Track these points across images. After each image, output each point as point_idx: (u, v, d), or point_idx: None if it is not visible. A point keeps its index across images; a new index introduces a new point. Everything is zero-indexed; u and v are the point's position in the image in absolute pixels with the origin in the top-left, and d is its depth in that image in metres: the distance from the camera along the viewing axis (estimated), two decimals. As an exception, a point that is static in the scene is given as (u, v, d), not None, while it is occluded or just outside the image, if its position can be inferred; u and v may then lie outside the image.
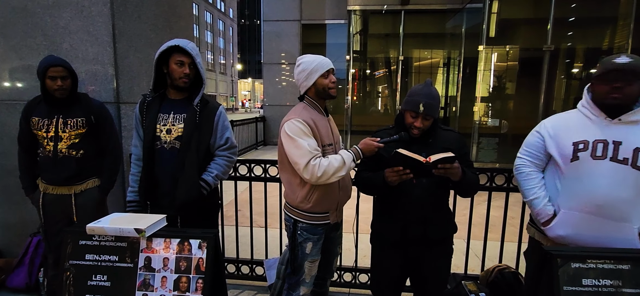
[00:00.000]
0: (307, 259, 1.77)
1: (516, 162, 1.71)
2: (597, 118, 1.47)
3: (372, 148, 1.62)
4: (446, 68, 10.19)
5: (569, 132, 1.51)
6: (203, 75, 1.80)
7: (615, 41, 7.22)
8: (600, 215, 1.43)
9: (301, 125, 1.60)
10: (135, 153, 1.88)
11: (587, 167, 1.44)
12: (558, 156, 1.52)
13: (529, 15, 7.84)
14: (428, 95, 1.55)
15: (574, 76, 8.23)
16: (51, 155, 1.98)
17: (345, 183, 1.81)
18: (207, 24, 47.87)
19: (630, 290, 1.32)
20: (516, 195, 2.29)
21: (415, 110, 1.54)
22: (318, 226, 1.75)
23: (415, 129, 1.58)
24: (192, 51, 1.74)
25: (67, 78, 1.96)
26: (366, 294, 2.60)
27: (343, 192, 1.81)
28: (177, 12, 2.99)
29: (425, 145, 1.62)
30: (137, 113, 1.86)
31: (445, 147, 1.61)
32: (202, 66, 1.80)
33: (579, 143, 1.46)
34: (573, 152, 1.47)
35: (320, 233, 1.77)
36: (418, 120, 1.56)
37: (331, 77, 1.69)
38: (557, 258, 1.34)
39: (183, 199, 1.72)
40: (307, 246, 1.75)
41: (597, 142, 1.44)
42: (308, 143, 1.57)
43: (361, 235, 2.55)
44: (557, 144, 1.53)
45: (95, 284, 1.46)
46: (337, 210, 1.81)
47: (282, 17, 10.20)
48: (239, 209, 2.68)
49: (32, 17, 2.41)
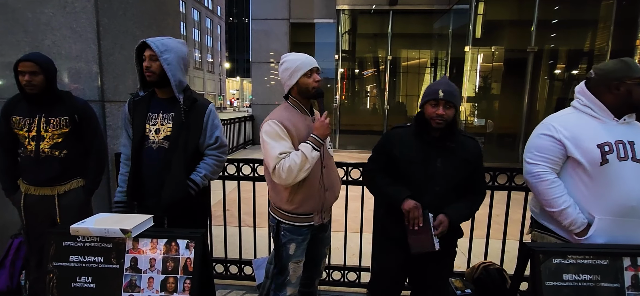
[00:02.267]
0: (292, 260, 1.76)
1: (531, 168, 1.59)
2: (605, 117, 1.48)
3: (326, 125, 1.61)
4: (433, 68, 10.33)
5: (588, 134, 1.47)
6: (167, 72, 1.70)
7: (597, 43, 7.44)
8: (633, 216, 1.42)
9: (276, 127, 1.59)
10: (124, 153, 1.86)
11: (615, 169, 1.41)
12: (584, 161, 1.45)
13: (513, 16, 8.01)
14: (446, 83, 1.54)
15: (556, 77, 8.45)
16: (33, 155, 1.93)
17: (330, 183, 1.77)
18: (195, 21, 47.25)
19: (608, 285, 1.37)
20: (501, 193, 2.35)
21: (435, 97, 1.51)
22: (302, 228, 1.73)
23: (437, 118, 1.50)
24: (152, 44, 1.67)
25: (38, 74, 1.86)
26: (355, 292, 2.62)
27: (329, 192, 1.77)
28: (163, 9, 2.95)
29: (445, 151, 1.56)
30: (126, 112, 1.83)
31: (465, 157, 1.58)
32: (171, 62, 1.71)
33: (604, 145, 1.43)
34: (601, 155, 1.42)
35: (305, 234, 1.75)
36: (439, 108, 1.50)
37: (315, 76, 1.66)
38: (539, 255, 1.38)
39: (169, 199, 1.70)
40: (291, 247, 1.74)
41: (617, 142, 1.43)
42: (280, 145, 1.57)
43: (350, 234, 2.57)
44: (580, 147, 1.47)
45: (79, 286, 1.43)
46: (323, 212, 1.78)
47: (270, 15, 10.16)
48: (227, 209, 2.66)
49: (12, 13, 2.34)
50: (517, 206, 2.38)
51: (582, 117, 1.53)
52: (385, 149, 1.69)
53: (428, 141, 1.58)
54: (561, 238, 1.59)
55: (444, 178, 1.56)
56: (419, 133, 1.60)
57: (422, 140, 1.59)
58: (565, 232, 1.56)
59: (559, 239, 1.60)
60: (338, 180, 1.88)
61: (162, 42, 1.71)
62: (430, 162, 1.57)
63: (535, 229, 1.72)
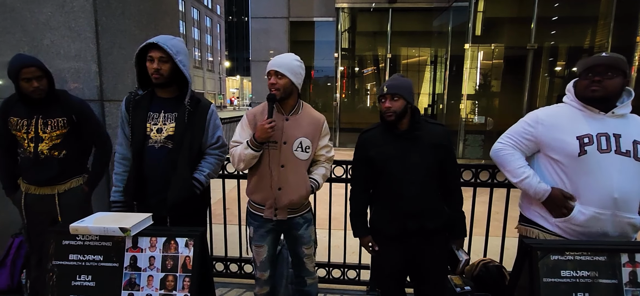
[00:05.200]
0: (253, 243, 1.86)
1: (495, 146, 1.71)
2: (591, 112, 1.50)
3: (265, 129, 1.61)
4: (433, 66, 10.33)
5: (568, 125, 1.51)
6: (185, 73, 1.73)
7: (596, 40, 7.42)
8: (615, 208, 1.44)
9: (244, 119, 1.81)
10: (120, 151, 1.85)
11: (595, 160, 1.44)
12: (560, 150, 1.51)
13: (513, 14, 7.99)
14: (392, 79, 1.67)
15: (556, 74, 8.43)
16: (32, 156, 1.93)
17: (286, 184, 1.74)
18: (194, 20, 47.21)
19: (606, 281, 1.37)
20: (500, 190, 2.35)
21: (381, 93, 1.64)
22: (255, 215, 1.83)
23: (387, 111, 1.61)
24: (165, 45, 1.66)
25: (43, 78, 1.88)
26: (354, 290, 2.63)
27: (283, 193, 1.74)
28: (162, 8, 2.94)
29: (411, 140, 1.64)
30: (123, 111, 1.81)
31: (433, 141, 1.64)
32: (186, 64, 1.74)
33: (583, 137, 1.46)
34: (580, 146, 1.46)
35: (261, 221, 1.81)
36: (386, 101, 1.61)
37: (271, 79, 1.72)
38: (536, 251, 1.38)
39: (175, 199, 1.70)
40: (250, 230, 1.86)
41: (599, 135, 1.45)
42: (238, 135, 1.78)
43: (350, 232, 2.57)
44: (556, 137, 1.52)
45: (79, 284, 1.44)
46: (274, 209, 1.77)
47: (270, 14, 10.14)
48: (227, 207, 2.67)
49: (10, 12, 2.34)
50: (516, 203, 2.38)
51: (570, 110, 1.56)
52: (361, 156, 1.75)
53: (397, 134, 1.66)
54: (546, 230, 1.62)
55: (421, 166, 1.62)
56: (387, 129, 1.69)
57: (392, 135, 1.67)
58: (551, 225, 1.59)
59: (544, 232, 1.63)
60: (300, 185, 1.77)
61: (173, 44, 1.70)
62: (405, 154, 1.63)
63: (521, 222, 1.77)
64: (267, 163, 1.74)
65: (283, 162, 1.74)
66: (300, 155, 1.76)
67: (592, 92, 1.46)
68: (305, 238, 1.88)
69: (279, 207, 1.77)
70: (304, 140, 1.77)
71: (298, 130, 1.77)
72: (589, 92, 1.47)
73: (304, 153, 1.77)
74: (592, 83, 1.46)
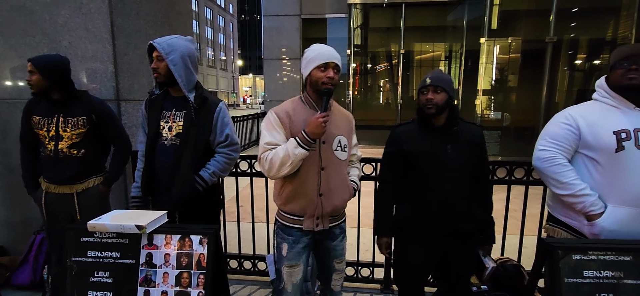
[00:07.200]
0: (284, 263, 1.62)
1: (541, 154, 1.56)
2: (625, 107, 1.45)
3: (319, 124, 1.42)
4: (448, 61, 10.13)
5: (603, 121, 1.45)
6: (175, 73, 1.72)
7: (619, 31, 7.14)
8: None
9: (272, 118, 1.55)
10: (141, 149, 1.90)
11: (632, 156, 1.39)
12: (598, 147, 1.44)
13: (531, 6, 7.77)
14: (434, 72, 1.60)
15: (577, 67, 8.17)
16: (52, 155, 1.98)
17: (328, 189, 1.57)
18: (207, 20, 47.76)
19: (632, 281, 1.31)
20: (518, 187, 2.29)
21: (423, 85, 1.58)
22: (291, 229, 1.61)
23: (428, 104, 1.55)
24: (158, 45, 1.71)
25: (33, 74, 1.90)
26: (368, 288, 2.61)
27: (325, 199, 1.57)
28: (176, 8, 2.98)
29: (449, 136, 1.59)
30: (143, 110, 1.89)
31: (470, 139, 1.60)
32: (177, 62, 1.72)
33: (621, 133, 1.41)
34: (617, 142, 1.40)
35: (297, 237, 1.61)
36: (429, 93, 1.55)
37: (328, 72, 1.50)
38: (558, 250, 1.33)
39: (178, 195, 1.73)
40: (283, 248, 1.63)
41: (637, 130, 1.40)
42: (270, 136, 1.53)
43: (363, 230, 2.55)
44: (594, 133, 1.45)
45: (97, 280, 1.47)
46: (316, 218, 1.59)
47: (282, 11, 10.14)
48: (241, 205, 2.68)
49: (30, 15, 2.41)
50: (535, 201, 2.32)
51: (602, 107, 1.51)
52: (394, 150, 1.68)
53: (434, 129, 1.61)
54: (573, 231, 1.56)
55: (456, 163, 1.57)
56: (423, 124, 1.63)
57: (427, 130, 1.62)
58: (578, 225, 1.53)
59: (571, 233, 1.57)
60: (343, 188, 1.64)
61: (168, 43, 1.73)
62: (440, 150, 1.58)
63: (549, 222, 1.70)
64: (306, 166, 1.54)
65: (324, 163, 1.56)
66: (340, 154, 1.61)
67: (629, 80, 1.42)
68: (338, 251, 1.71)
69: (322, 217, 1.61)
70: (342, 138, 1.62)
71: (335, 127, 1.61)
72: (626, 80, 1.42)
73: (343, 152, 1.63)
74: (629, 71, 1.41)
